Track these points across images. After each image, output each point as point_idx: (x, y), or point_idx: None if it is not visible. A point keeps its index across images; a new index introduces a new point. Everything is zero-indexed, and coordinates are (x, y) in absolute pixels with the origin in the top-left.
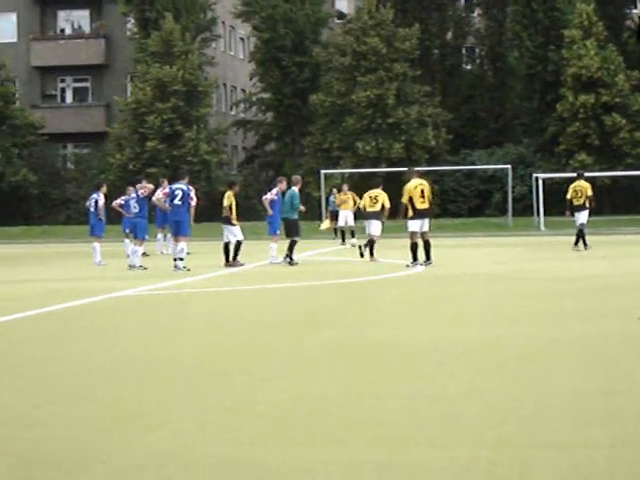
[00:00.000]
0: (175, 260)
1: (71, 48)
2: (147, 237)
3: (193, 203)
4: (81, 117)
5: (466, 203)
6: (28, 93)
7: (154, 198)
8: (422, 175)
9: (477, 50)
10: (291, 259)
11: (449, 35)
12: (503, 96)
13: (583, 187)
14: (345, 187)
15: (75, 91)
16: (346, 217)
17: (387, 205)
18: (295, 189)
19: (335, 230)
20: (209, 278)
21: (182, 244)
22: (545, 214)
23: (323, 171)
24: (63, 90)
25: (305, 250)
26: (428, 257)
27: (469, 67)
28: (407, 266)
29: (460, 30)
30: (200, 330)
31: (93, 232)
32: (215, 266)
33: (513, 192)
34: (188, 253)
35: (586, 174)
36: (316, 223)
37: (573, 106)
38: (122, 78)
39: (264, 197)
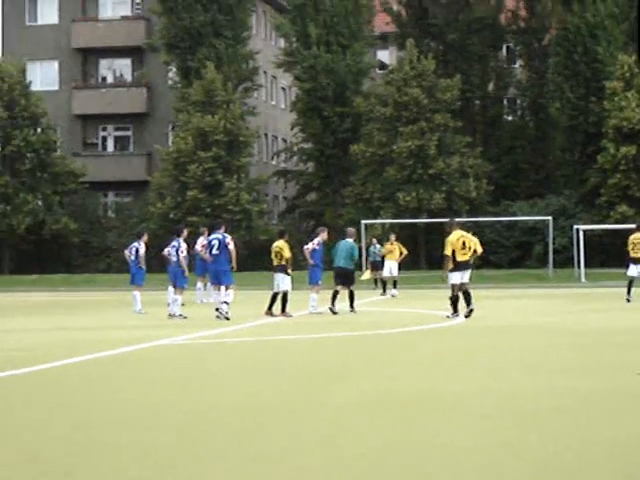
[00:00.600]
0: (217, 310)
1: (113, 96)
2: (186, 286)
3: (231, 247)
4: (122, 166)
5: (507, 254)
6: (69, 141)
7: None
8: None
9: (518, 101)
10: (352, 308)
11: (490, 86)
12: (544, 147)
13: None
14: (392, 237)
15: (116, 139)
16: (390, 267)
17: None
18: (351, 241)
19: (375, 280)
20: (249, 327)
21: (229, 290)
22: (586, 266)
23: (363, 221)
24: (104, 138)
25: (345, 300)
26: (469, 303)
27: (510, 118)
28: (447, 317)
29: (501, 81)
30: (236, 380)
31: (134, 281)
32: (255, 315)
33: (554, 243)
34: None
35: (624, 226)
36: (357, 273)
37: (614, 158)
38: (163, 127)
39: (305, 247)
